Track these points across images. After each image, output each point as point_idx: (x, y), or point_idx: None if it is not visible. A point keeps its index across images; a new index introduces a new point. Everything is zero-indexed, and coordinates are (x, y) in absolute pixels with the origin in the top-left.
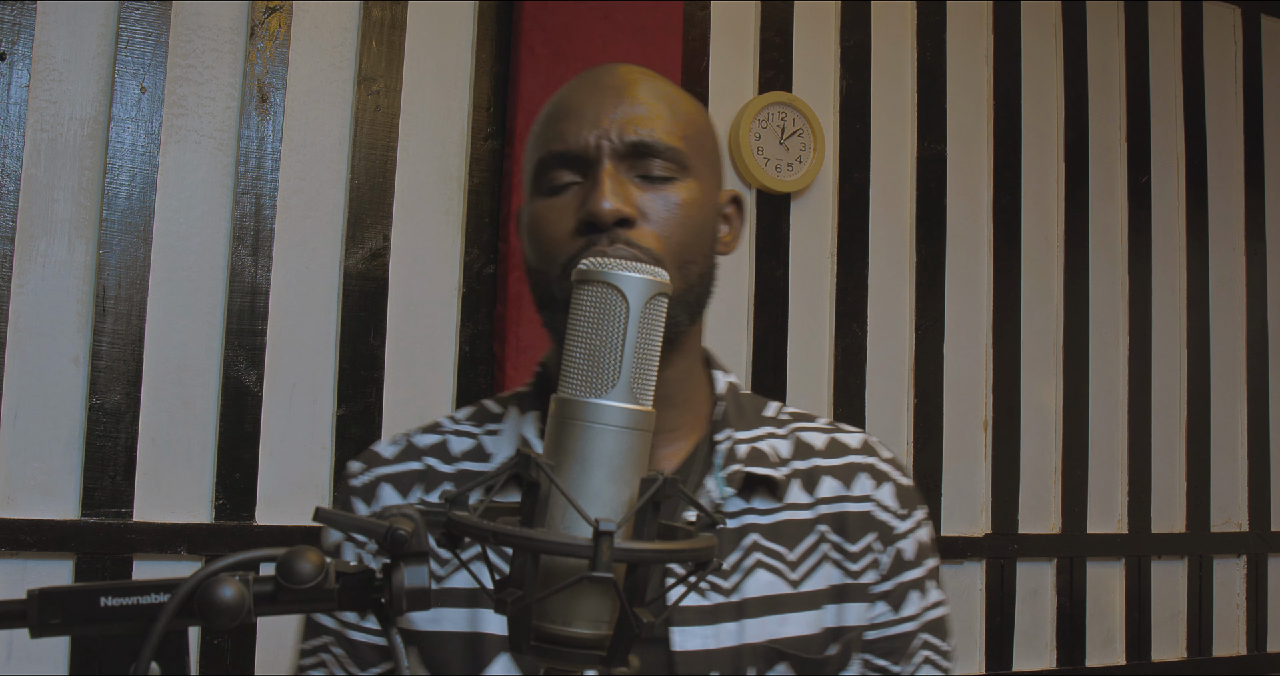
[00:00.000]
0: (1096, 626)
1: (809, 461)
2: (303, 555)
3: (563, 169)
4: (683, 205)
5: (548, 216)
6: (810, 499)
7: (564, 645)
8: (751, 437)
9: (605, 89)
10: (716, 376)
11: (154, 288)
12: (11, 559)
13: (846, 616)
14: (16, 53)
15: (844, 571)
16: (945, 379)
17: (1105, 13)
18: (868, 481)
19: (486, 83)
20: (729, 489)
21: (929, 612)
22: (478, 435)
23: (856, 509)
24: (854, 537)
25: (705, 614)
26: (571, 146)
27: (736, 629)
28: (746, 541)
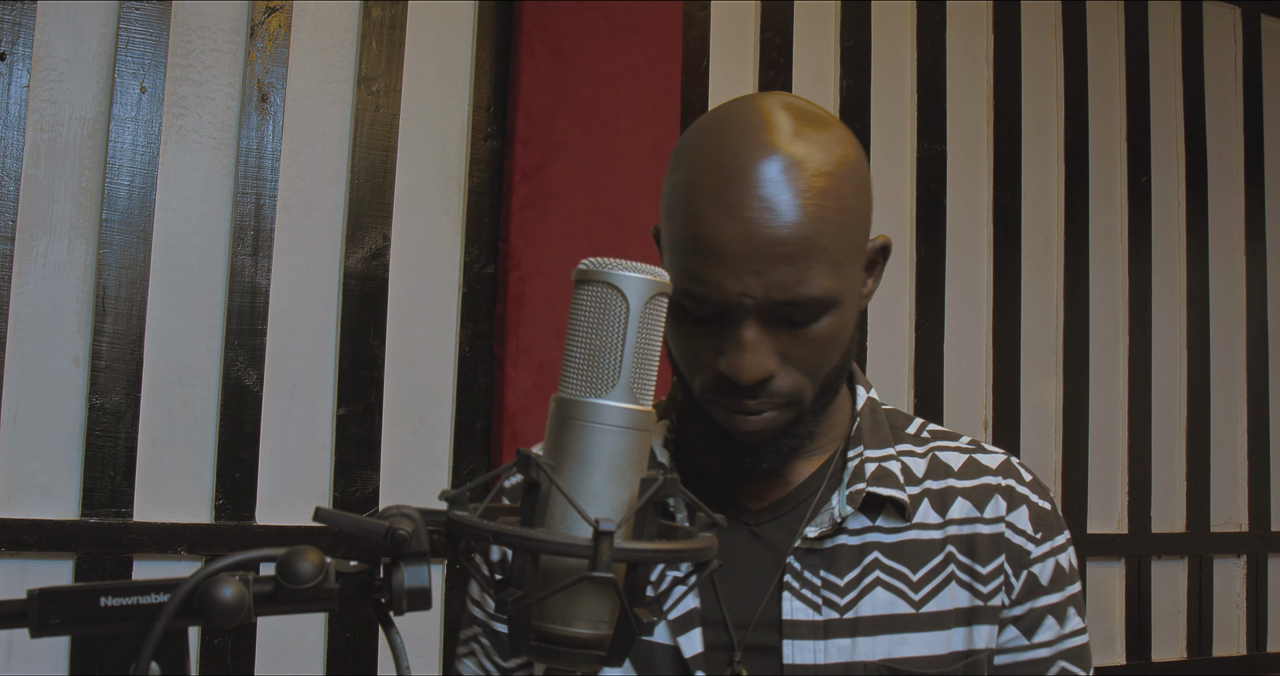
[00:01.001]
0: (1096, 626)
1: (943, 482)
2: (303, 555)
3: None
4: (823, 341)
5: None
6: (940, 520)
7: (564, 645)
8: (882, 456)
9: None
10: (858, 391)
11: (154, 288)
12: (11, 559)
13: (976, 639)
14: (16, 53)
15: (973, 593)
16: (945, 379)
17: (1105, 13)
18: (1002, 503)
19: (486, 83)
20: (849, 507)
21: (1067, 640)
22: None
23: (988, 531)
24: (984, 560)
25: (817, 629)
26: (714, 295)
27: (849, 645)
28: (868, 559)
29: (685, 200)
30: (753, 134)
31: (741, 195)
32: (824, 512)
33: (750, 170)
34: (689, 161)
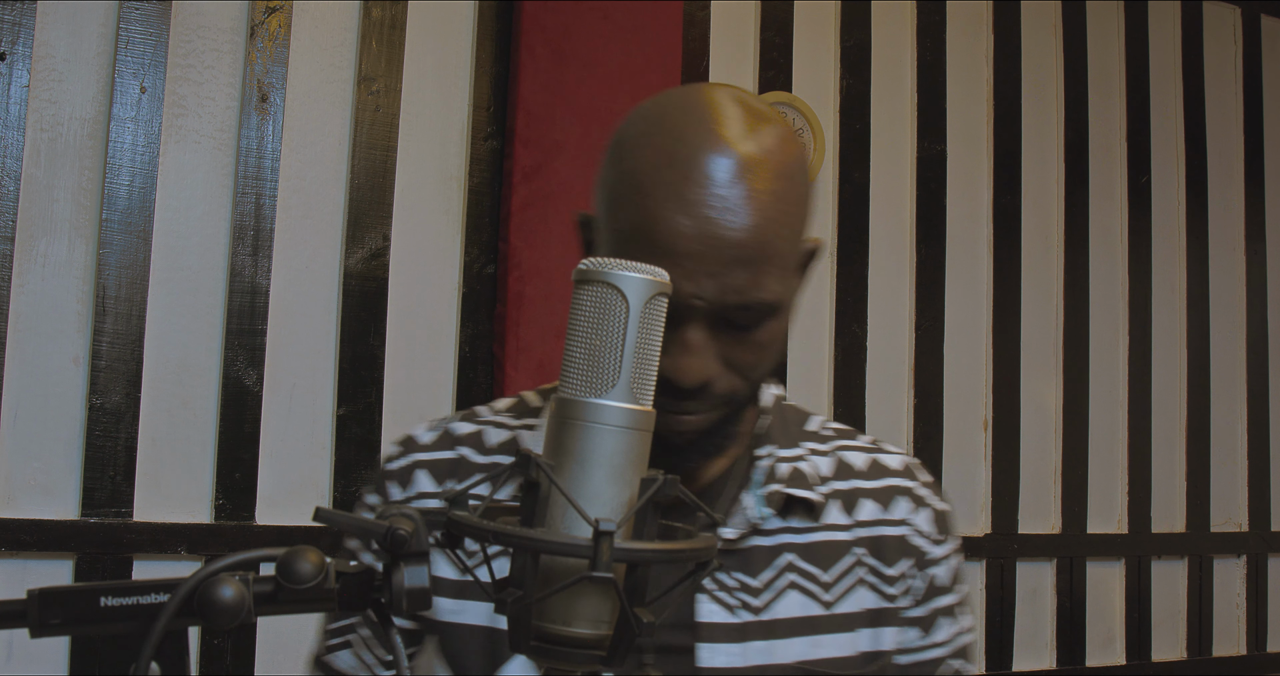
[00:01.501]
0: (1096, 626)
1: (849, 482)
2: (303, 555)
3: None
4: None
5: None
6: (849, 521)
7: (564, 645)
8: (793, 456)
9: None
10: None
11: (154, 288)
12: (11, 559)
13: (882, 640)
14: (16, 53)
15: (880, 595)
16: (945, 379)
17: (1105, 13)
18: (906, 505)
19: (486, 83)
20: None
21: (960, 638)
22: (514, 428)
23: (894, 533)
24: (891, 561)
25: (733, 631)
26: None
27: (765, 648)
28: (781, 561)
29: (636, 192)
30: (708, 127)
31: (700, 193)
32: (738, 514)
33: (707, 167)
34: (637, 152)
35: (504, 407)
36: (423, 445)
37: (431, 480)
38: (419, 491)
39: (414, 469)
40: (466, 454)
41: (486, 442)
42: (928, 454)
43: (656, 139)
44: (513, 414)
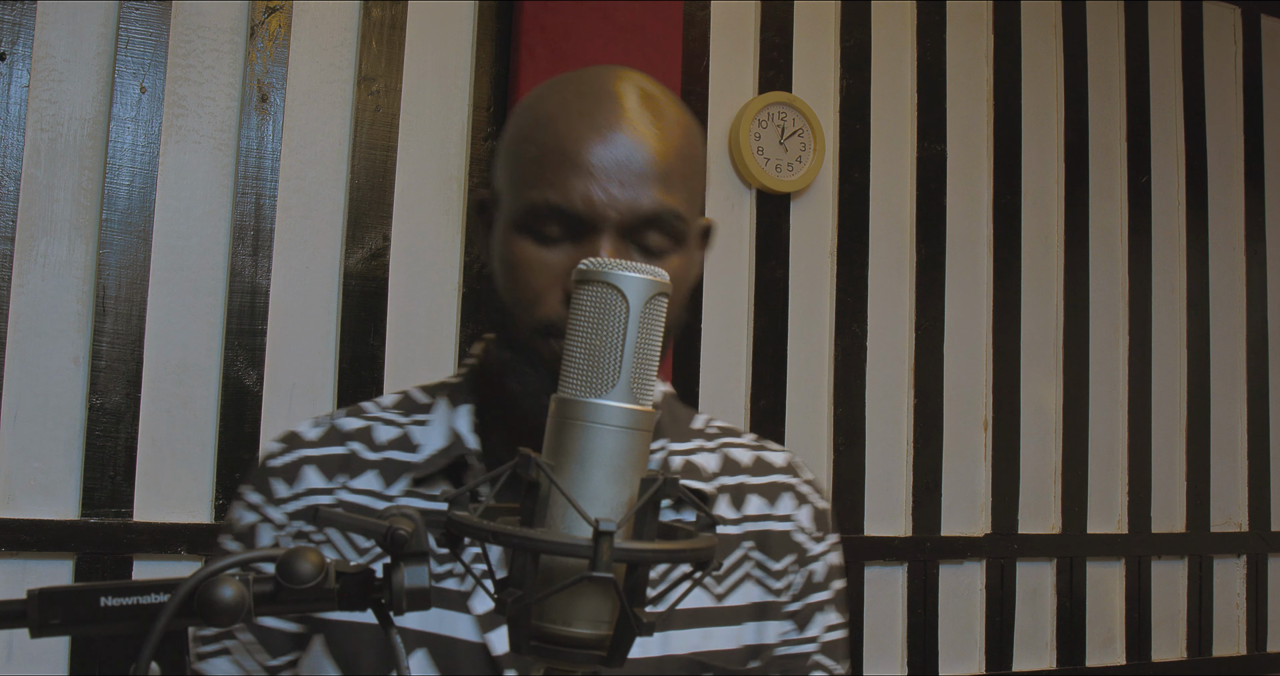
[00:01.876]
0: (1096, 626)
1: (736, 478)
2: (303, 555)
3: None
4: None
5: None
6: (737, 515)
7: (564, 645)
8: (686, 450)
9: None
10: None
11: (154, 288)
12: (11, 559)
13: (766, 634)
14: (16, 53)
15: (765, 589)
16: (945, 379)
17: (1105, 13)
18: (790, 501)
19: (486, 83)
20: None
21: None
22: (404, 424)
23: (779, 528)
24: (776, 556)
25: None
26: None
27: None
28: None
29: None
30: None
31: (612, 117)
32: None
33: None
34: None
35: (390, 404)
36: (309, 441)
37: (321, 476)
38: (308, 487)
39: (301, 465)
40: (357, 449)
41: (376, 439)
42: (928, 454)
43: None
44: (400, 411)
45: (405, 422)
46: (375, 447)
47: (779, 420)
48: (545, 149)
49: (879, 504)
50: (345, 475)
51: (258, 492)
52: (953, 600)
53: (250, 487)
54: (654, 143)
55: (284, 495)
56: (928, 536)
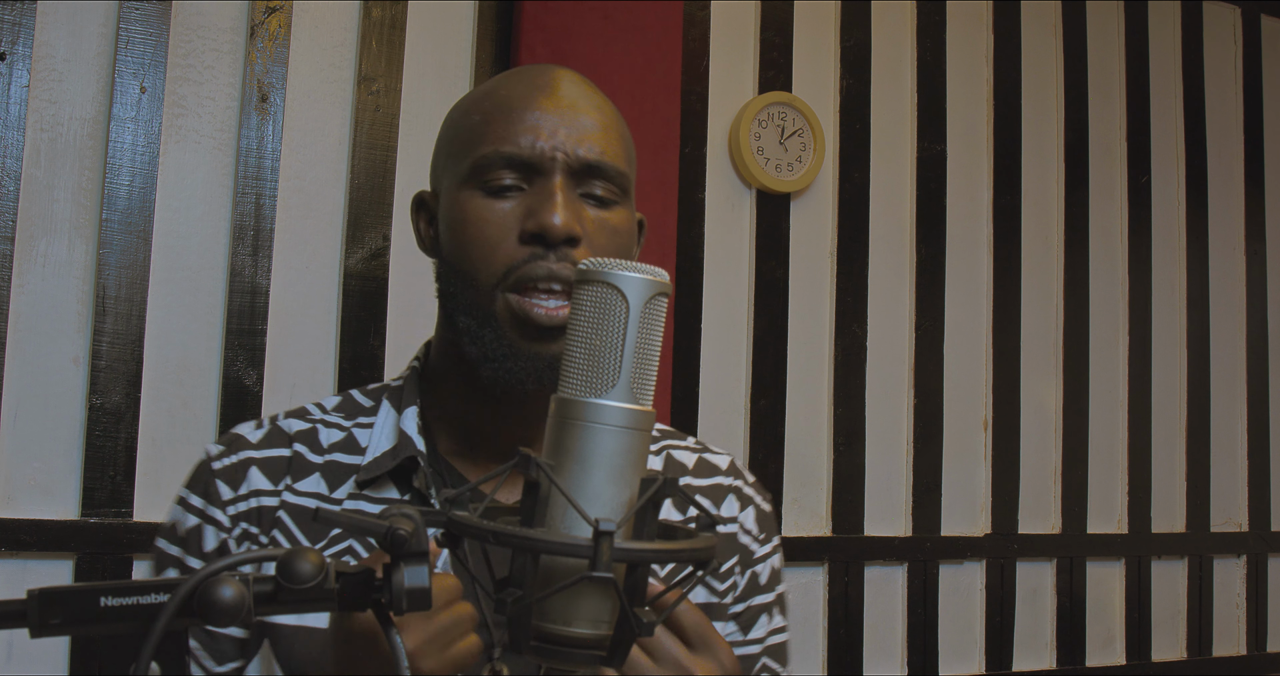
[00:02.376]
0: (1096, 626)
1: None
2: (303, 555)
3: (507, 170)
4: (621, 232)
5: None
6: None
7: (564, 645)
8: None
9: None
10: None
11: (154, 288)
12: (11, 559)
13: None
14: (16, 53)
15: (710, 590)
16: (945, 379)
17: (1105, 13)
18: (734, 503)
19: None
20: None
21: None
22: (348, 427)
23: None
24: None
25: None
26: (524, 151)
27: None
28: None
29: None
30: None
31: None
32: None
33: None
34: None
35: (332, 407)
36: (253, 443)
37: (265, 478)
38: (252, 489)
39: (246, 466)
40: (301, 451)
41: (321, 442)
42: (928, 454)
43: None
44: (343, 414)
45: (349, 425)
46: (320, 450)
47: (779, 420)
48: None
49: (879, 504)
50: (289, 477)
51: (199, 495)
52: (953, 600)
53: (191, 490)
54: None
55: (228, 497)
56: (928, 536)
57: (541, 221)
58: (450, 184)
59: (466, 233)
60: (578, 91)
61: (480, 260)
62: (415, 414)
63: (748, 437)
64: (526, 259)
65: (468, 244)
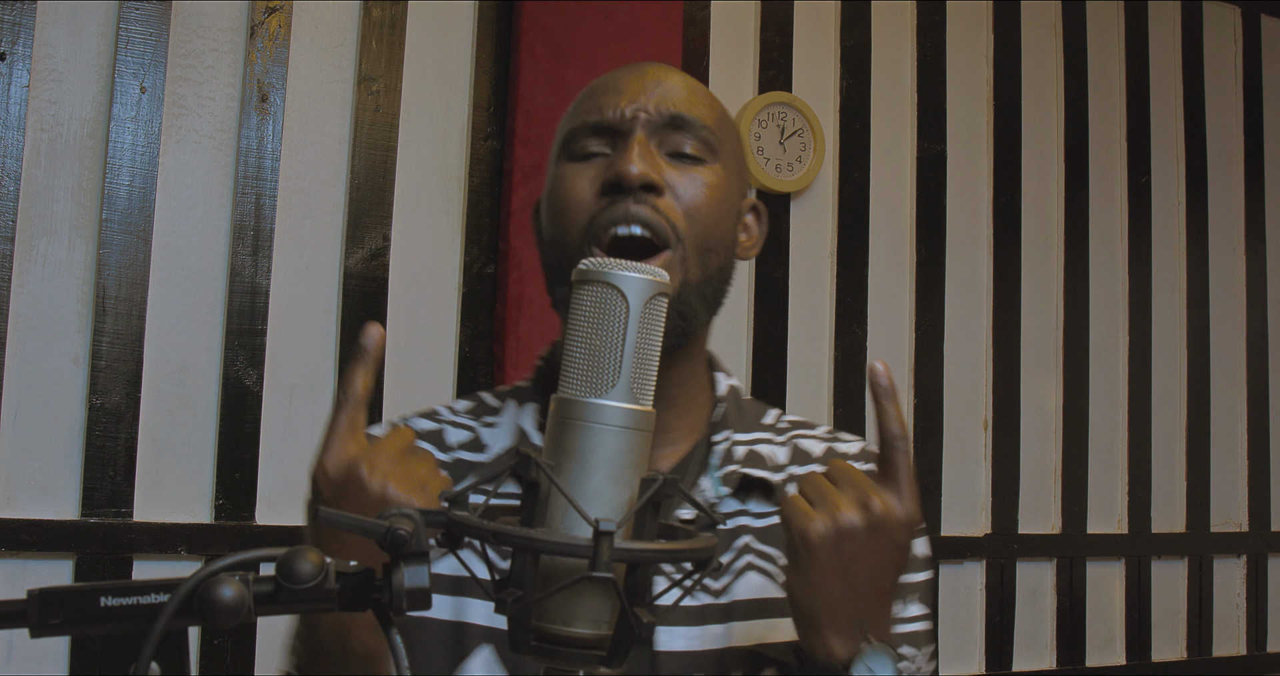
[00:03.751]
0: (1096, 626)
1: (806, 467)
2: (303, 555)
3: (594, 138)
4: (711, 187)
5: (572, 178)
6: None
7: (564, 645)
8: (750, 440)
9: (644, 71)
10: (718, 378)
11: (154, 288)
12: (11, 559)
13: None
14: (16, 53)
15: None
16: (945, 379)
17: (1105, 13)
18: None
19: (486, 83)
20: (725, 489)
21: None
22: (474, 427)
23: None
24: None
25: (692, 614)
26: (607, 117)
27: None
28: (739, 543)
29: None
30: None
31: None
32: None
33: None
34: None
35: (463, 409)
36: None
37: None
38: None
39: None
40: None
41: (447, 441)
42: (928, 454)
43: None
44: (472, 414)
45: (475, 425)
46: (446, 449)
47: None
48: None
49: None
50: None
51: None
52: (953, 600)
53: None
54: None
55: None
56: (928, 536)
57: (617, 168)
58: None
59: (554, 198)
60: (665, 69)
61: (566, 221)
62: (534, 411)
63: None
64: (604, 208)
65: (555, 208)
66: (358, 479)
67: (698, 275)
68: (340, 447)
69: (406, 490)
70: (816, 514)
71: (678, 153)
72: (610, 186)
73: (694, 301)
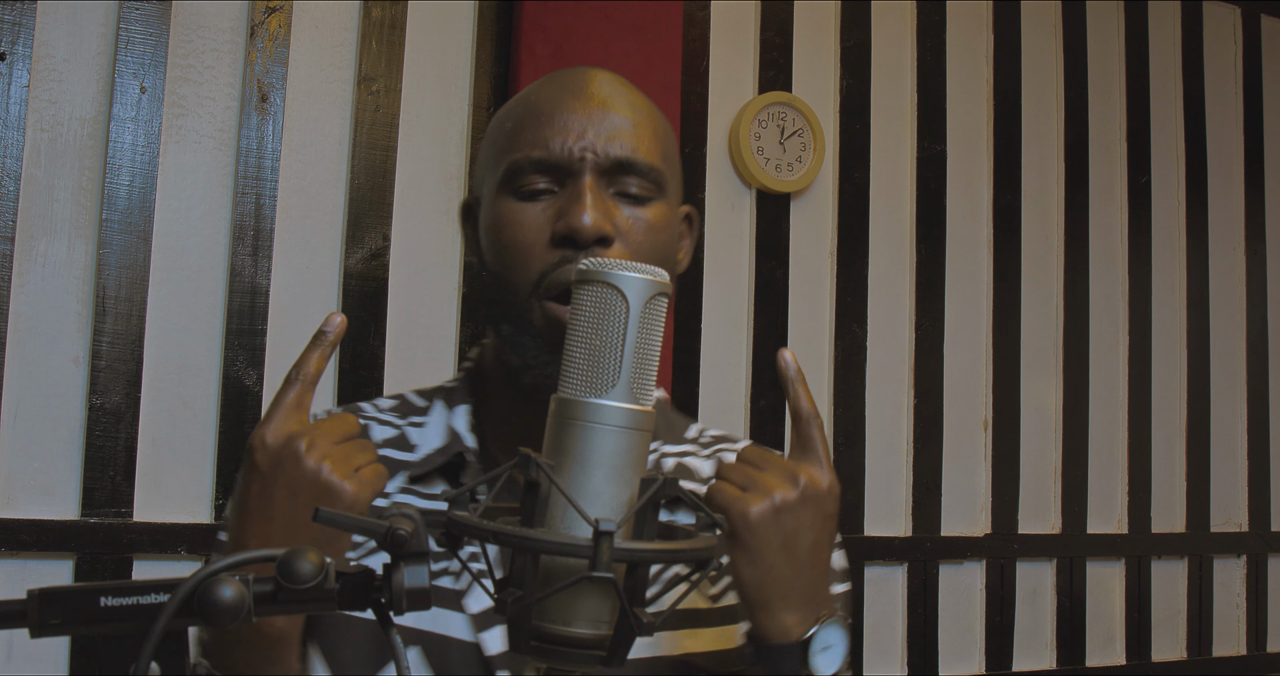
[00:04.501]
0: (1096, 626)
1: None
2: (303, 555)
3: (538, 175)
4: (657, 228)
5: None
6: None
7: (564, 645)
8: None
9: (589, 97)
10: None
11: (154, 288)
12: (11, 559)
13: None
14: (16, 53)
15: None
16: (945, 379)
17: (1105, 13)
18: None
19: (486, 83)
20: None
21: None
22: (400, 425)
23: None
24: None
25: None
26: (554, 154)
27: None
28: None
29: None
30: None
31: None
32: None
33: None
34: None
35: (387, 407)
36: None
37: None
38: None
39: None
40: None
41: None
42: (928, 454)
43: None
44: (397, 413)
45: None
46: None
47: (779, 420)
48: (520, 118)
49: (879, 504)
50: None
51: None
52: (953, 600)
53: None
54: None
55: None
56: (928, 536)
57: (570, 222)
58: (488, 191)
59: (500, 239)
60: (609, 90)
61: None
62: (466, 412)
63: (748, 438)
64: (558, 263)
65: (502, 250)
66: (294, 453)
67: None
68: (282, 420)
69: (341, 475)
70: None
71: (624, 192)
72: (563, 239)
73: None
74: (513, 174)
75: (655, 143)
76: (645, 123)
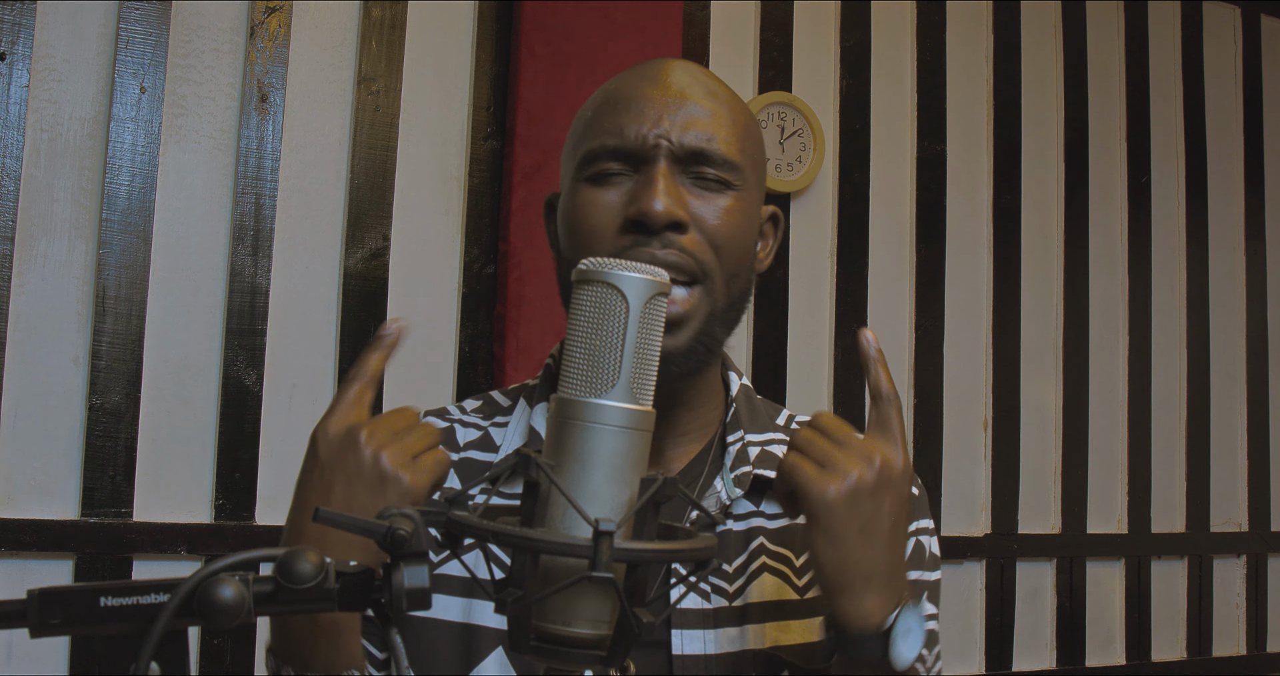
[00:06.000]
0: (1096, 626)
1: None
2: (303, 555)
3: (613, 161)
4: (734, 214)
5: (594, 206)
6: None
7: (564, 645)
8: (764, 441)
9: (666, 86)
10: (730, 378)
11: (154, 288)
12: (11, 559)
13: None
14: (16, 53)
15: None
16: (945, 379)
17: (1105, 13)
18: None
19: (486, 83)
20: (737, 489)
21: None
22: (485, 427)
23: None
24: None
25: (707, 617)
26: (628, 141)
27: (738, 634)
28: (753, 545)
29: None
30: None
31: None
32: (708, 497)
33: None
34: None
35: (472, 408)
36: None
37: None
38: None
39: None
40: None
41: (458, 440)
42: (928, 454)
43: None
44: (482, 414)
45: (486, 425)
46: (456, 448)
47: None
48: (599, 107)
49: None
50: None
51: None
52: (953, 600)
53: None
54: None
55: None
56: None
57: (642, 207)
58: (566, 181)
59: (573, 224)
60: (689, 79)
61: (585, 251)
62: (545, 410)
63: None
64: (629, 247)
65: (574, 235)
66: (355, 443)
67: (724, 304)
68: (343, 414)
69: (398, 464)
70: (828, 475)
71: (701, 178)
72: (633, 224)
73: (718, 330)
74: (588, 161)
75: (734, 134)
76: (724, 113)
